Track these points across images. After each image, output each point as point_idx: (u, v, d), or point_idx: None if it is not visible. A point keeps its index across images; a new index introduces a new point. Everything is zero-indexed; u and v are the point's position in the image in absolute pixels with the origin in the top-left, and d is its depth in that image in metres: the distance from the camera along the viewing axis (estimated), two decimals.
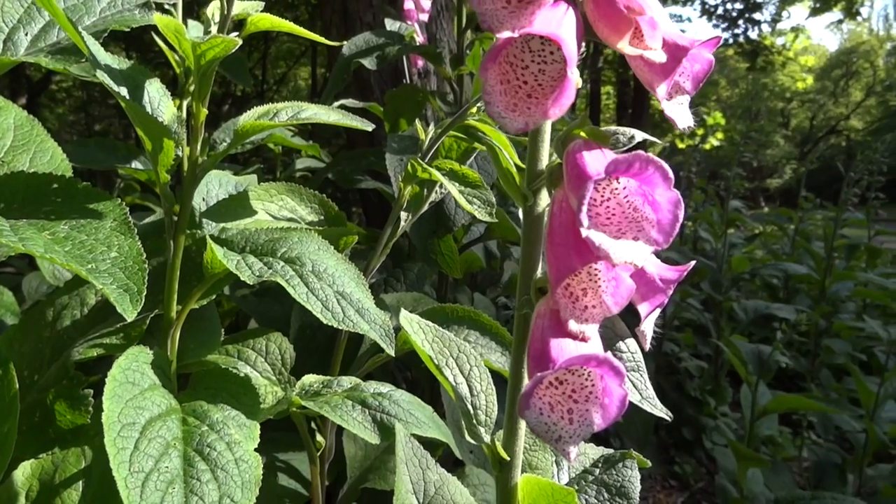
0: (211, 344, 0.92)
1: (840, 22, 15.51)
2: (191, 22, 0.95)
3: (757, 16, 14.41)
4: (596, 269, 0.39)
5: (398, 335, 1.10)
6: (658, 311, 0.45)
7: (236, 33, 0.74)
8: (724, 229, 3.00)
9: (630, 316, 0.50)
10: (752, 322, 3.07)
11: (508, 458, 0.47)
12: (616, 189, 0.39)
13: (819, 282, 3.70)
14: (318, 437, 1.14)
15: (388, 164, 1.26)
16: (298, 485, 1.16)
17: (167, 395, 0.65)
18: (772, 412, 2.09)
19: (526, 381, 0.43)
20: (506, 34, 0.34)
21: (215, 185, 1.01)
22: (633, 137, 0.43)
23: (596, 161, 0.37)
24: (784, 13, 15.87)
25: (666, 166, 0.35)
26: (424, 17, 1.99)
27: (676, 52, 0.39)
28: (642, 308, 0.43)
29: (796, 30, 19.16)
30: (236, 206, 0.86)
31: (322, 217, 1.01)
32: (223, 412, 0.66)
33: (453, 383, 0.50)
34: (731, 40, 15.26)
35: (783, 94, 41.51)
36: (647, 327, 0.43)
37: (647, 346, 0.44)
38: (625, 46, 0.38)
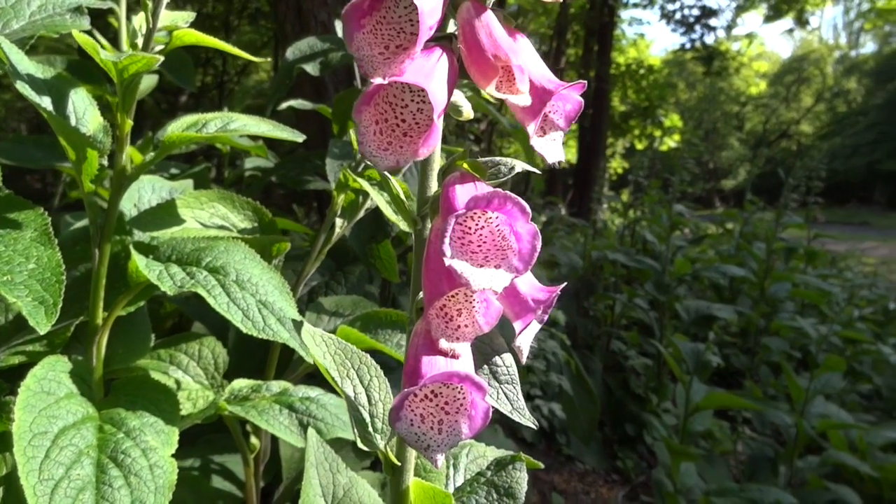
0: (140, 349, 0.93)
1: (792, 30, 16.01)
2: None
3: (713, 22, 14.80)
4: (471, 292, 0.42)
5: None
6: (535, 328, 0.48)
7: (161, 47, 0.75)
8: (669, 232, 3.10)
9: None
10: (694, 322, 3.19)
11: (400, 464, 0.51)
12: (490, 218, 0.42)
13: (759, 283, 3.85)
14: (253, 439, 1.16)
15: (327, 170, 1.28)
16: (233, 486, 1.17)
17: (84, 403, 0.66)
18: (704, 409, 2.19)
19: None
20: (378, 80, 0.38)
21: (148, 191, 1.01)
22: (513, 168, 0.47)
23: (465, 195, 0.41)
24: (739, 20, 16.32)
25: (523, 202, 0.39)
26: None
27: (543, 96, 0.43)
28: (517, 325, 0.47)
29: (750, 36, 19.75)
30: (164, 214, 0.87)
31: (256, 224, 1.03)
32: (141, 419, 0.68)
33: (352, 394, 0.53)
34: (688, 45, 15.64)
35: (738, 98, 42.73)
36: (523, 343, 0.47)
37: (524, 360, 0.48)
38: (492, 91, 0.41)
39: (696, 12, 14.58)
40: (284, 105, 1.63)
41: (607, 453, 2.93)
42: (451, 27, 0.45)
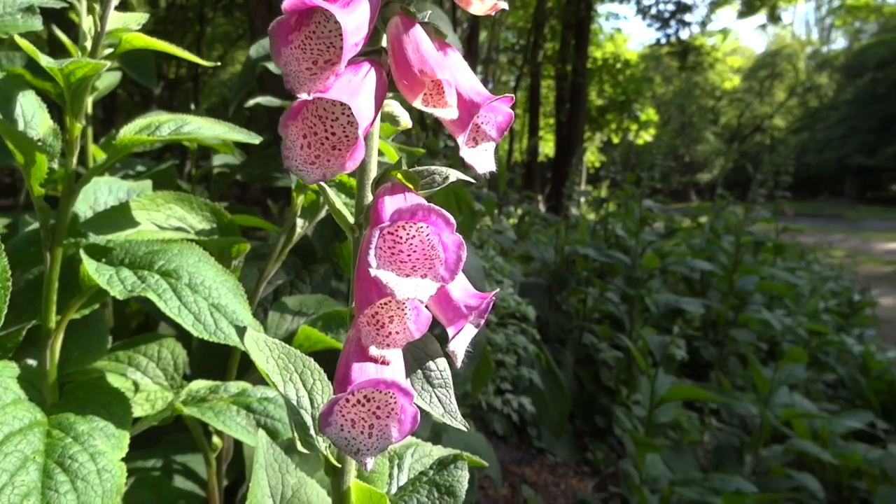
0: (97, 352, 0.93)
1: (765, 26, 16.22)
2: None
3: (688, 17, 14.96)
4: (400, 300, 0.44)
5: (295, 337, 1.13)
6: (469, 332, 0.50)
7: (110, 50, 0.75)
8: (639, 228, 3.15)
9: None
10: (663, 315, 3.24)
11: (340, 466, 0.52)
12: (421, 228, 0.44)
13: (728, 276, 3.93)
14: (216, 439, 1.17)
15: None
16: (196, 486, 1.17)
17: (32, 408, 0.66)
18: (668, 401, 2.23)
19: None
20: (303, 96, 0.39)
21: (104, 193, 1.01)
22: (447, 178, 0.48)
23: (393, 207, 0.42)
24: (714, 15, 16.49)
25: (447, 214, 0.40)
26: None
27: (471, 109, 0.45)
28: (450, 331, 0.48)
29: (725, 31, 19.98)
30: (118, 216, 0.87)
31: (214, 225, 1.03)
32: (91, 423, 0.68)
33: (295, 398, 0.54)
34: (663, 40, 15.80)
35: (713, 93, 43.29)
36: (457, 347, 0.49)
37: (459, 364, 0.49)
38: (419, 104, 0.42)
39: (671, 7, 14.73)
40: (252, 102, 1.63)
41: (578, 445, 2.98)
42: (384, 41, 0.46)
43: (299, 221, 1.12)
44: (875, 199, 43.52)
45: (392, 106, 0.49)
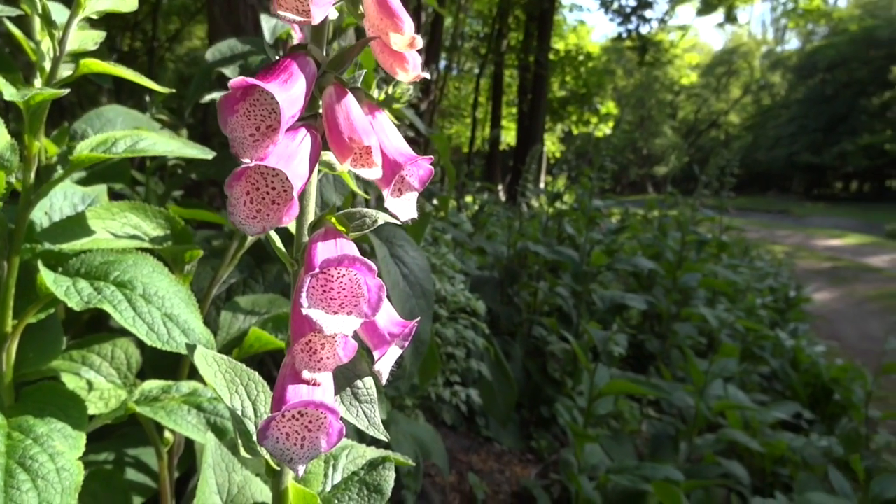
0: (52, 352, 0.98)
1: (723, 24, 16.66)
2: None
3: (648, 13, 15.24)
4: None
5: (245, 338, 1.19)
6: (394, 354, 0.58)
7: (69, 72, 0.79)
8: (587, 226, 3.28)
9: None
10: (608, 310, 3.39)
11: (279, 469, 0.60)
12: (349, 271, 0.51)
13: (672, 273, 4.12)
14: (167, 434, 1.22)
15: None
16: (147, 478, 1.23)
17: None
18: (606, 394, 2.36)
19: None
20: (246, 162, 0.45)
21: (59, 198, 1.04)
22: (376, 220, 0.56)
23: (326, 253, 0.49)
24: (673, 12, 16.83)
25: (369, 262, 0.48)
26: None
27: (395, 168, 0.52)
28: (375, 354, 0.56)
29: (684, 28, 20.40)
30: (74, 226, 0.91)
31: (168, 231, 1.08)
32: (49, 425, 0.73)
33: (240, 408, 0.61)
34: (624, 34, 16.06)
35: (672, 88, 44.20)
36: (382, 368, 0.56)
37: (384, 382, 0.57)
38: (347, 167, 0.49)
39: (632, 3, 14.97)
40: (208, 98, 1.66)
41: (524, 434, 3.11)
42: (321, 106, 0.53)
43: None
44: (821, 196, 45.35)
45: (328, 155, 0.55)
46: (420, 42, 0.50)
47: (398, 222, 0.55)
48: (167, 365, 1.29)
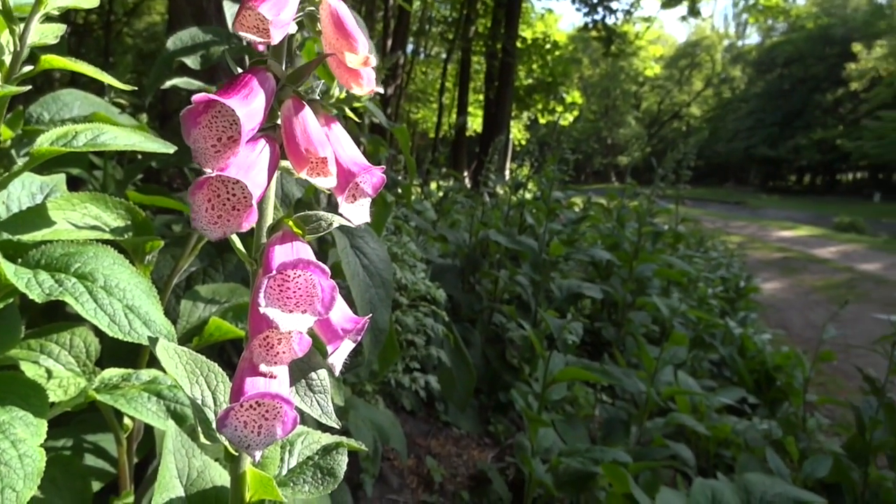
0: (10, 341, 0.99)
1: (686, 17, 16.94)
2: None
3: (614, 4, 15.40)
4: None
5: (205, 327, 1.21)
6: (346, 348, 0.62)
7: (30, 67, 0.80)
8: (546, 217, 3.35)
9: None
10: (566, 299, 3.49)
11: (237, 454, 0.63)
12: (306, 270, 0.55)
13: (628, 263, 4.24)
14: (127, 420, 1.24)
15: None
16: (106, 464, 1.25)
17: None
18: (560, 381, 2.45)
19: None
20: (208, 172, 0.48)
21: (17, 188, 1.04)
22: (331, 223, 0.59)
23: (283, 256, 0.53)
24: (639, 4, 17.00)
25: (322, 266, 0.52)
26: None
27: (349, 176, 0.56)
28: (329, 349, 0.60)
29: (648, 20, 20.64)
30: (34, 217, 0.92)
31: (129, 222, 1.09)
32: (10, 413, 0.75)
33: (200, 397, 0.65)
34: (590, 24, 16.20)
35: (637, 79, 44.84)
36: (335, 361, 0.60)
37: (338, 374, 0.61)
38: (304, 175, 0.53)
39: None
40: (168, 84, 1.65)
41: (482, 419, 3.19)
42: (279, 118, 0.56)
43: None
44: (776, 188, 46.80)
45: (287, 163, 0.59)
46: (374, 61, 0.54)
47: (350, 223, 0.59)
48: (124, 353, 1.30)
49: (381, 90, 0.57)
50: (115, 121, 1.67)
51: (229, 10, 1.79)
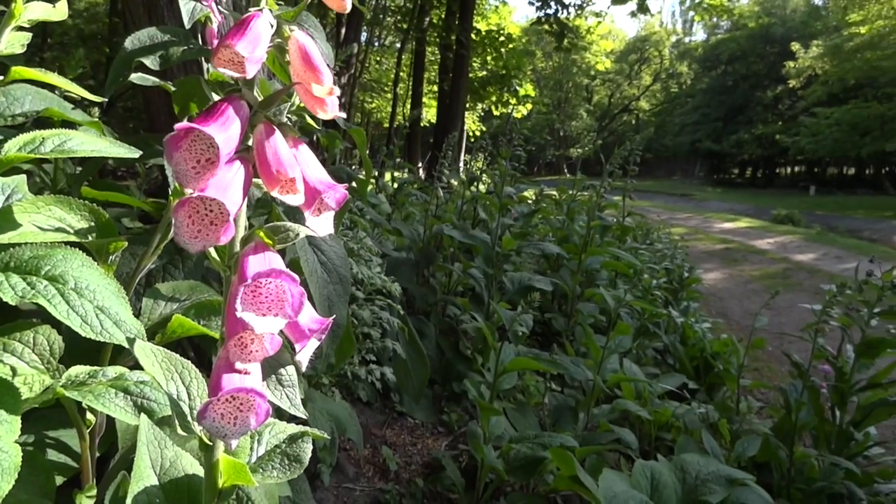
0: None
1: (635, 13, 17.30)
2: None
3: None
4: None
5: (168, 324, 1.25)
6: (312, 346, 0.68)
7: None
8: (499, 213, 3.46)
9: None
10: (517, 291, 3.61)
11: (211, 444, 0.69)
12: (278, 279, 0.61)
13: (578, 255, 4.40)
14: (89, 415, 1.27)
15: (166, 169, 1.37)
16: (68, 458, 1.27)
17: None
18: (511, 370, 2.56)
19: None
20: (189, 192, 0.54)
21: None
22: (298, 234, 0.66)
23: (256, 265, 0.59)
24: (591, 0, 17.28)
25: (292, 274, 0.58)
26: None
27: (315, 194, 0.62)
28: (297, 347, 0.67)
29: (599, 15, 21.01)
30: (1, 221, 0.94)
31: (92, 223, 1.12)
32: None
33: (175, 392, 0.70)
34: (543, 19, 16.40)
35: (588, 72, 45.59)
36: (302, 358, 0.67)
37: (304, 369, 0.67)
38: (275, 193, 0.59)
39: None
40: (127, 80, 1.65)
41: (436, 409, 3.29)
42: (251, 140, 0.62)
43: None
44: (720, 181, 48.50)
45: (259, 181, 0.65)
46: (337, 90, 0.61)
47: (316, 234, 0.66)
48: (80, 351, 1.32)
49: (344, 115, 0.64)
50: (68, 117, 1.67)
51: (185, 6, 1.80)
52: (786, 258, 11.61)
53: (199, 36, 2.15)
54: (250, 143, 0.62)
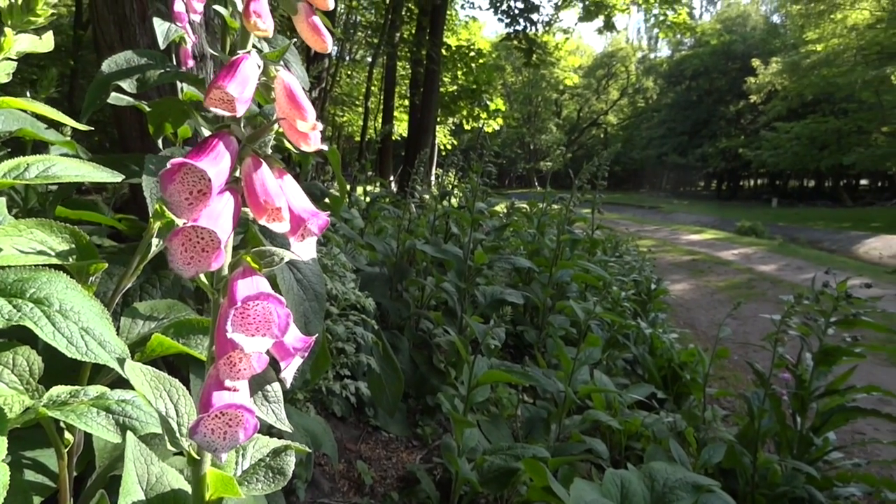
0: None
1: (602, 30, 17.71)
2: None
3: (535, 16, 15.93)
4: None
5: (148, 343, 1.27)
6: (296, 363, 0.72)
7: None
8: (471, 227, 3.52)
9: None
10: (490, 305, 3.67)
11: (199, 458, 0.73)
12: (266, 301, 0.65)
13: (549, 268, 4.48)
14: (67, 435, 1.28)
15: (143, 186, 1.39)
16: (46, 478, 1.28)
17: None
18: (484, 383, 2.61)
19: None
20: (182, 222, 0.58)
21: None
22: (283, 258, 0.70)
23: (245, 289, 0.63)
24: (558, 16, 17.65)
25: (279, 297, 0.62)
26: (197, 17, 2.07)
27: (299, 221, 0.67)
28: (282, 365, 0.71)
29: (567, 31, 21.45)
30: None
31: (73, 245, 1.14)
32: None
33: (164, 410, 0.73)
34: (512, 35, 16.68)
35: (557, 87, 46.32)
36: (287, 375, 0.71)
37: (288, 386, 0.71)
38: (262, 221, 0.64)
39: (520, 5, 15.57)
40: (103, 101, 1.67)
41: (410, 422, 3.31)
42: (240, 171, 0.66)
43: (154, 241, 1.26)
44: (686, 193, 49.57)
45: (247, 210, 0.69)
46: (320, 126, 0.66)
47: (300, 258, 0.70)
48: (62, 366, 1.33)
49: (325, 147, 0.68)
50: (42, 137, 1.68)
51: (159, 27, 1.83)
52: (750, 269, 11.92)
53: (174, 56, 2.17)
54: (238, 173, 0.66)
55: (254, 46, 0.68)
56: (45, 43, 0.89)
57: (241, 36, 0.66)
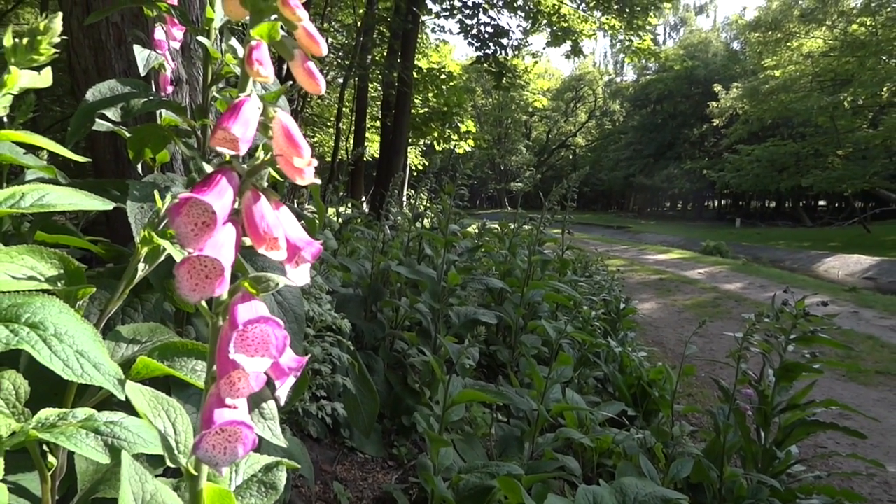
0: None
1: (569, 55, 18.16)
2: None
3: (504, 41, 16.26)
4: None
5: (133, 366, 1.30)
6: (290, 382, 0.77)
7: None
8: (444, 249, 3.59)
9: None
10: (463, 325, 3.73)
11: (196, 474, 0.77)
12: (265, 325, 0.70)
13: (521, 289, 4.57)
14: (51, 458, 1.29)
15: (128, 212, 1.43)
16: (27, 502, 1.28)
17: None
18: (459, 402, 2.66)
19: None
20: (188, 252, 0.63)
21: None
22: (277, 283, 0.75)
23: (245, 313, 0.68)
24: (527, 42, 18.05)
25: (277, 320, 0.67)
26: (176, 45, 2.12)
27: (295, 250, 0.72)
28: (277, 384, 0.75)
29: (536, 55, 21.91)
30: None
31: (62, 271, 1.17)
32: None
33: (163, 428, 0.77)
34: (482, 59, 16.97)
35: (527, 109, 47.09)
36: (282, 393, 0.76)
37: (283, 404, 0.76)
38: (261, 250, 0.69)
39: (489, 30, 15.89)
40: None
41: (386, 443, 3.33)
42: (239, 203, 0.72)
43: (140, 266, 1.29)
44: (653, 214, 50.58)
45: (247, 240, 0.74)
46: (315, 162, 0.71)
47: (294, 284, 0.75)
48: (45, 389, 1.35)
49: (318, 181, 0.74)
50: (21, 161, 1.70)
51: (140, 55, 1.87)
52: (715, 287, 12.22)
53: (154, 82, 2.21)
54: (237, 205, 0.71)
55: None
56: (44, 78, 0.93)
57: (242, 79, 0.72)
